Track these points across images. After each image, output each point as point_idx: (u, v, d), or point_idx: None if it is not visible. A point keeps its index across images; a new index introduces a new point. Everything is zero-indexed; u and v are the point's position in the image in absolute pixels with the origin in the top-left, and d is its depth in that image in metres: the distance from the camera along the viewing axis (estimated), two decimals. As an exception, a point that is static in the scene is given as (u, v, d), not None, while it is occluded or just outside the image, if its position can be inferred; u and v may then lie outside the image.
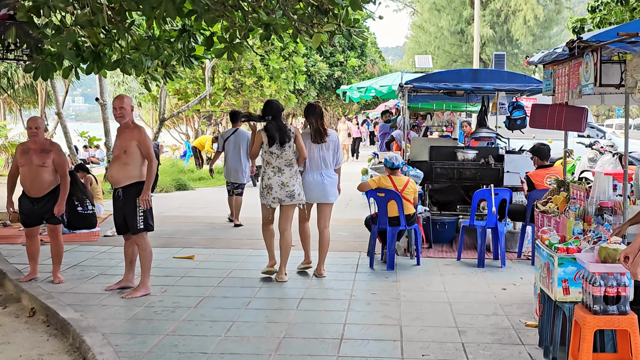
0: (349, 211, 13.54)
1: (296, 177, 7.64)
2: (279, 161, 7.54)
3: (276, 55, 27.63)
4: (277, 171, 7.54)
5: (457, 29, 42.33)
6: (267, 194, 7.59)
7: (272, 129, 7.50)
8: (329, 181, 7.89)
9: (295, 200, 7.65)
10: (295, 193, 7.60)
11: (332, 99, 39.76)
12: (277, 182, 7.53)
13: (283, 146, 7.51)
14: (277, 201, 7.62)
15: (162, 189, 17.03)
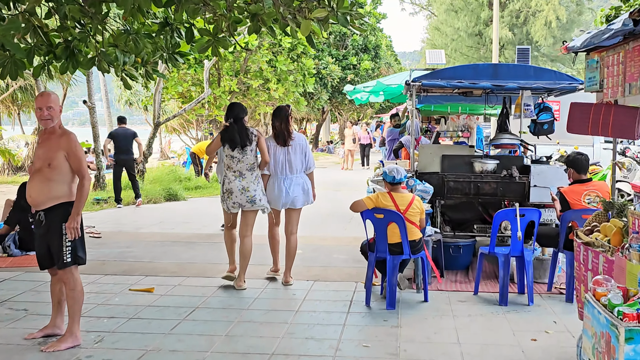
0: (351, 228, 11.82)
1: (257, 181, 7.36)
2: (240, 165, 7.27)
3: (284, 56, 26.02)
4: (238, 175, 7.26)
5: (474, 30, 40.43)
6: (228, 198, 7.34)
7: (233, 132, 7.24)
8: (295, 186, 7.54)
9: (257, 206, 7.36)
10: (257, 198, 7.31)
11: (345, 103, 38.10)
12: (237, 186, 7.25)
13: (244, 149, 7.24)
14: (237, 206, 7.34)
15: (150, 199, 15.40)
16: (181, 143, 38.23)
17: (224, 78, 26.60)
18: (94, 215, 13.44)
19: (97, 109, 17.36)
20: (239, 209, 7.42)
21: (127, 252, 9.64)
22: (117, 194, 14.62)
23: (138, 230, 11.59)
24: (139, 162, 18.68)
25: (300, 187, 7.59)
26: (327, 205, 14.69)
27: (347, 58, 36.51)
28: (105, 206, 14.73)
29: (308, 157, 7.69)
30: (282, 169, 7.52)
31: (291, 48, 25.99)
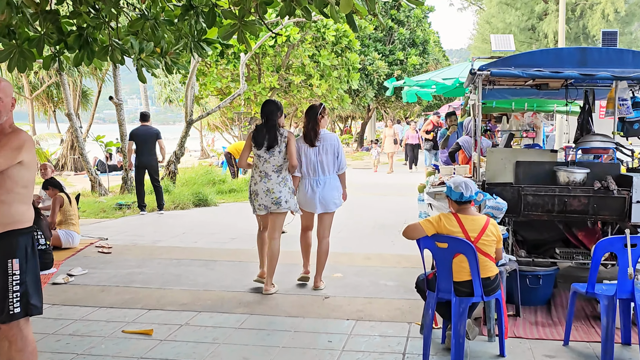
0: (400, 243, 10.05)
1: (284, 183, 6.98)
2: (266, 166, 6.95)
3: (327, 50, 24.31)
4: (263, 176, 6.98)
5: (527, 25, 38.14)
6: (254, 200, 7.07)
7: (261, 131, 6.95)
8: (327, 188, 7.14)
9: (283, 208, 6.98)
10: (282, 200, 6.94)
11: (391, 100, 36.25)
12: (262, 188, 6.97)
13: (271, 150, 6.91)
14: (263, 208, 7.02)
15: (177, 205, 13.85)
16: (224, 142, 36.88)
17: (265, 74, 25.08)
18: (113, 224, 11.93)
19: (135, 106, 15.96)
20: (265, 211, 7.03)
21: (135, 274, 8.05)
22: (139, 200, 13.10)
23: (155, 243, 10.02)
24: (166, 163, 17.19)
25: (332, 188, 7.17)
26: (371, 214, 12.98)
27: (393, 53, 34.67)
28: (128, 212, 13.23)
29: (340, 158, 7.21)
30: (313, 170, 7.12)
31: (335, 42, 24.28)
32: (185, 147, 17.50)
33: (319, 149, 7.09)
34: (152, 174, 13.09)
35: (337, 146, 7.18)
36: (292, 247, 8.32)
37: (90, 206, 13.84)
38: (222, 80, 24.52)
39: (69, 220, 9.52)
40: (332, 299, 6.92)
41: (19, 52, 6.02)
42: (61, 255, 9.02)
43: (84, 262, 8.71)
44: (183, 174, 19.28)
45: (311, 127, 7.07)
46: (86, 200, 14.78)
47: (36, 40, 6.09)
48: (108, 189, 16.57)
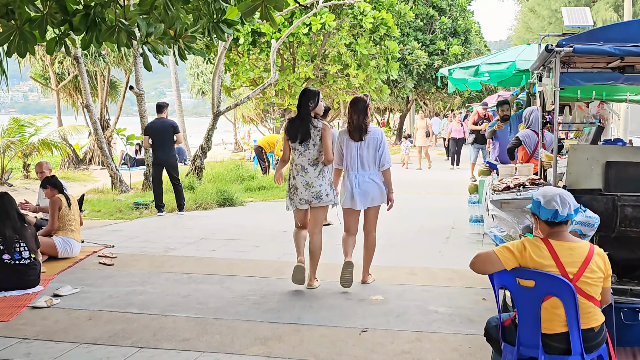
0: (450, 252, 8.58)
1: (322, 176, 6.71)
2: (302, 159, 6.67)
3: (365, 39, 22.81)
4: (300, 170, 6.69)
5: (574, 12, 36.08)
6: (294, 194, 6.81)
7: (293, 124, 6.67)
8: (367, 183, 6.74)
9: (324, 202, 6.74)
10: (323, 194, 6.70)
11: (431, 91, 34.59)
12: (301, 181, 6.70)
13: (305, 143, 6.61)
14: (304, 202, 6.76)
15: (200, 204, 12.48)
16: (260, 135, 35.61)
17: (299, 64, 23.68)
18: (125, 227, 10.61)
19: (168, 97, 14.63)
20: (306, 205, 6.78)
21: (135, 293, 6.68)
22: (157, 200, 11.75)
23: (167, 252, 8.65)
24: (192, 157, 15.88)
25: (373, 184, 6.75)
26: (413, 216, 11.48)
27: (434, 43, 32.97)
28: (145, 213, 11.91)
29: (382, 153, 6.75)
30: (353, 165, 6.74)
31: (373, 29, 22.75)
32: (211, 142, 16.08)
33: (361, 142, 6.70)
34: (171, 171, 11.74)
35: (380, 140, 6.73)
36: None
37: (106, 205, 12.57)
38: (254, 70, 23.19)
39: (67, 226, 8.19)
40: (370, 332, 5.47)
41: (19, 35, 5.29)
42: (55, 267, 7.70)
43: (80, 276, 7.37)
44: (211, 169, 17.98)
45: (361, 120, 6.66)
46: (104, 198, 13.52)
47: (38, 21, 5.32)
48: (130, 185, 15.30)
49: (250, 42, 21.42)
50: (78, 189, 16.64)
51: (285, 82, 22.56)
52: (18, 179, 18.51)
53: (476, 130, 16.61)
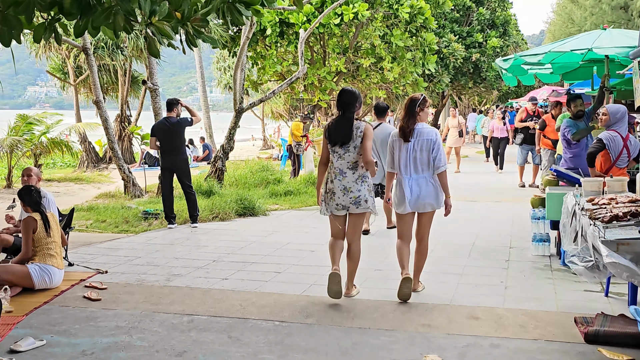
0: (512, 282, 6.85)
1: (361, 181, 6.24)
2: (341, 162, 6.22)
3: (400, 30, 21.04)
4: (338, 173, 6.25)
5: (619, 2, 33.90)
6: (330, 199, 6.30)
7: (334, 125, 6.24)
8: (420, 187, 6.26)
9: (363, 208, 6.23)
10: (362, 199, 6.22)
11: (468, 86, 32.67)
12: (339, 186, 6.23)
13: (345, 146, 6.17)
14: (341, 208, 6.25)
15: (217, 214, 10.86)
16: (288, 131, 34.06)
17: (330, 56, 22.01)
18: (128, 243, 9.05)
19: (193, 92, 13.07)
20: (344, 211, 6.32)
21: (117, 347, 5.06)
22: (167, 210, 10.17)
23: (169, 280, 7.03)
24: (213, 158, 14.32)
25: (426, 188, 6.32)
26: (462, 229, 9.75)
27: (471, 35, 31.04)
28: (155, 224, 10.36)
29: (437, 155, 6.30)
30: (405, 168, 6.36)
31: (409, 20, 20.98)
32: (233, 141, 14.49)
33: (413, 144, 6.32)
34: (181, 177, 10.16)
35: (434, 142, 6.30)
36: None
37: (113, 214, 11.05)
38: (282, 64, 21.58)
39: (44, 251, 6.61)
40: None
41: (2, 20, 4.61)
42: (27, 304, 6.12)
43: (54, 318, 5.79)
44: (234, 170, 16.43)
45: (410, 121, 6.28)
46: (112, 205, 11.99)
47: (24, 5, 4.54)
48: (145, 188, 13.76)
49: (277, 33, 19.81)
50: (90, 192, 15.18)
51: (315, 77, 20.91)
52: (29, 180, 17.10)
53: (525, 128, 14.78)
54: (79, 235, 9.65)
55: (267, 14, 19.64)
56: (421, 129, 6.29)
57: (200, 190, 12.97)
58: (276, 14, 19.52)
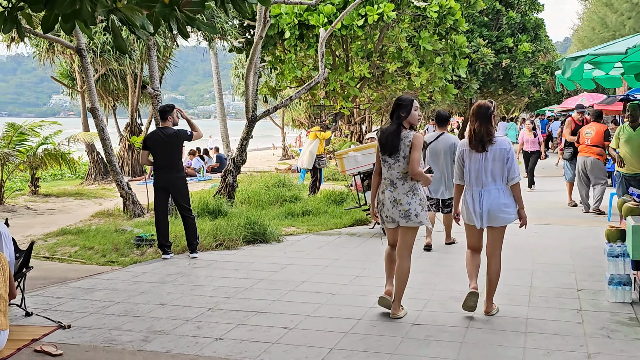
0: (596, 348, 5.09)
1: (413, 193, 5.84)
2: (391, 172, 5.90)
3: (429, 32, 19.32)
4: (388, 184, 5.92)
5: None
6: (380, 211, 6.00)
7: (384, 134, 5.92)
8: (492, 199, 5.81)
9: (413, 222, 5.83)
10: (412, 213, 5.82)
11: (498, 93, 30.85)
12: (389, 197, 5.89)
13: (395, 156, 5.84)
14: (390, 221, 5.92)
15: (222, 241, 9.17)
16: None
17: (354, 61, 20.37)
18: (111, 280, 7.39)
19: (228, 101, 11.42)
20: (394, 225, 5.92)
21: None
22: (160, 238, 8.50)
23: (146, 341, 5.34)
24: (222, 173, 12.71)
25: (499, 199, 5.82)
26: (511, 262, 7.99)
27: (501, 40, 29.25)
28: (148, 254, 8.71)
29: (511, 166, 5.84)
30: (476, 179, 5.90)
31: (438, 21, 19.26)
32: (245, 153, 12.85)
33: (486, 154, 5.87)
34: (178, 199, 8.51)
35: (508, 151, 5.88)
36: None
37: (104, 239, 9.44)
38: (302, 69, 19.98)
39: (-19, 303, 4.98)
40: None
41: None
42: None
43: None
44: (248, 185, 14.79)
45: (484, 130, 5.78)
46: (106, 227, 10.38)
47: None
48: (148, 206, 12.13)
49: (297, 36, 18.21)
50: (89, 208, 13.61)
51: (338, 82, 19.27)
52: (27, 194, 15.57)
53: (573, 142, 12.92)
54: (56, 267, 8.04)
55: (286, 16, 18.04)
56: (495, 139, 5.87)
57: (208, 210, 11.33)
58: (295, 16, 17.92)
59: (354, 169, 9.96)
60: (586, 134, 11.72)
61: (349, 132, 26.20)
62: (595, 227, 10.60)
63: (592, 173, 11.69)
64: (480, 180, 5.90)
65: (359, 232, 10.25)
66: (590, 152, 11.66)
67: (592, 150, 11.63)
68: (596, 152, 11.60)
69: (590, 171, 11.70)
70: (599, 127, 11.68)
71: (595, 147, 11.57)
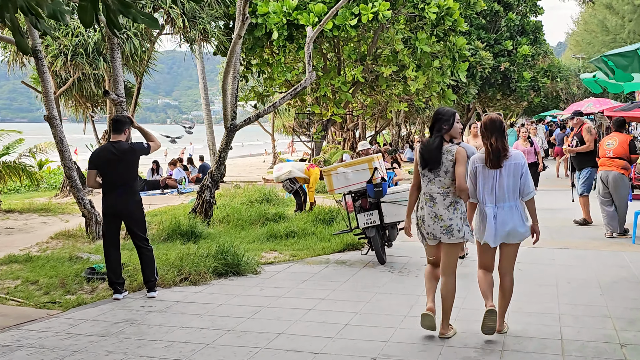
0: None
1: (454, 208, 5.54)
2: (431, 187, 5.61)
3: (426, 33, 17.92)
4: (428, 199, 5.62)
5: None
6: (421, 226, 5.68)
7: (425, 147, 5.62)
8: (507, 216, 5.48)
9: (456, 238, 5.53)
10: (454, 229, 5.50)
11: (496, 97, 29.51)
12: (429, 212, 5.59)
13: (435, 170, 5.55)
14: (432, 237, 5.62)
15: (188, 274, 7.67)
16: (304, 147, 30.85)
17: (346, 65, 18.96)
18: (37, 333, 5.90)
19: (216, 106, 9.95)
20: (435, 241, 5.63)
21: None
22: (111, 274, 7.02)
23: None
24: (199, 188, 11.31)
25: (514, 217, 5.50)
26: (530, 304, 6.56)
27: (499, 42, 27.90)
28: (100, 290, 7.27)
29: (525, 181, 5.55)
30: (489, 196, 5.54)
31: (436, 22, 17.85)
32: (224, 167, 11.42)
33: (500, 170, 5.53)
34: (132, 227, 7.02)
35: (522, 165, 5.54)
36: None
37: (52, 270, 8.01)
38: (292, 72, 18.53)
39: None
40: None
41: None
42: None
43: None
44: (230, 199, 13.35)
45: (499, 144, 5.47)
46: (58, 254, 8.99)
47: None
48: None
49: (285, 36, 16.77)
50: (53, 227, 12.17)
51: (329, 87, 17.83)
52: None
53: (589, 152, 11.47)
54: (-19, 312, 6.58)
55: (273, 15, 16.61)
56: (510, 153, 5.61)
57: (180, 231, 9.91)
58: (283, 15, 16.50)
59: (344, 188, 8.52)
60: (607, 146, 10.21)
61: (341, 139, 24.79)
62: (619, 251, 9.19)
63: (615, 190, 10.11)
64: (494, 197, 5.58)
65: (350, 259, 8.81)
66: (612, 166, 10.09)
67: (614, 163, 10.09)
68: (620, 166, 10.06)
69: (613, 188, 10.11)
70: (623, 138, 10.18)
71: (620, 159, 10.05)
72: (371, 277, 7.78)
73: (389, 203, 8.37)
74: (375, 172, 8.37)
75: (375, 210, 8.35)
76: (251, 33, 17.15)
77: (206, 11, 16.75)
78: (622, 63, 6.79)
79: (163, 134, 24.59)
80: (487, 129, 5.58)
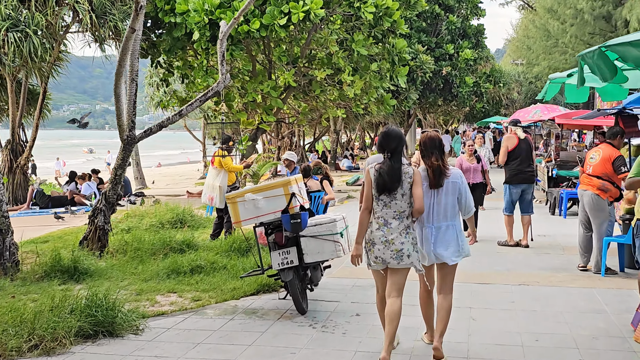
0: None
1: (406, 232, 5.22)
2: (386, 211, 5.23)
3: (363, 35, 16.23)
4: (382, 224, 5.23)
5: (601, 12, 29.66)
6: (369, 250, 5.27)
7: (384, 172, 5.15)
8: (444, 236, 5.32)
9: (404, 263, 5.19)
10: (405, 254, 5.18)
11: (437, 103, 28.14)
12: (380, 237, 5.20)
13: (393, 193, 5.20)
14: (380, 261, 5.23)
15: (40, 341, 5.71)
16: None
17: (277, 68, 17.15)
18: None
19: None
20: (382, 266, 5.27)
21: None
22: None
23: None
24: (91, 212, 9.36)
25: (451, 237, 5.33)
26: None
27: (441, 46, 26.54)
28: None
29: (465, 198, 5.37)
30: (427, 216, 5.34)
31: (374, 23, 16.14)
32: (122, 186, 9.46)
33: (439, 189, 5.33)
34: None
35: (461, 183, 5.37)
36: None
37: None
38: (215, 76, 16.60)
39: None
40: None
41: None
42: None
43: None
44: (137, 220, 11.40)
45: (440, 162, 5.28)
46: None
47: None
48: (20, 245, 8.50)
49: (208, 37, 14.85)
50: None
51: (258, 92, 15.99)
52: None
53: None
54: None
55: (194, 14, 14.68)
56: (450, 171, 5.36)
57: (60, 267, 7.95)
58: (205, 14, 14.58)
59: (254, 219, 6.66)
60: (590, 159, 8.36)
61: (275, 147, 22.95)
62: (589, 288, 7.63)
63: (591, 214, 8.21)
64: (431, 216, 5.36)
65: (263, 307, 6.96)
66: (589, 185, 8.23)
67: (591, 182, 8.18)
68: (596, 186, 8.12)
69: (589, 211, 8.22)
70: (608, 153, 8.16)
71: (598, 178, 8.12)
72: (286, 336, 5.98)
73: (310, 237, 6.55)
74: (292, 199, 6.56)
75: (292, 247, 6.53)
76: (169, 33, 15.23)
77: (118, 7, 14.76)
78: (633, 54, 5.14)
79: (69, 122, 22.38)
80: (427, 148, 5.36)
